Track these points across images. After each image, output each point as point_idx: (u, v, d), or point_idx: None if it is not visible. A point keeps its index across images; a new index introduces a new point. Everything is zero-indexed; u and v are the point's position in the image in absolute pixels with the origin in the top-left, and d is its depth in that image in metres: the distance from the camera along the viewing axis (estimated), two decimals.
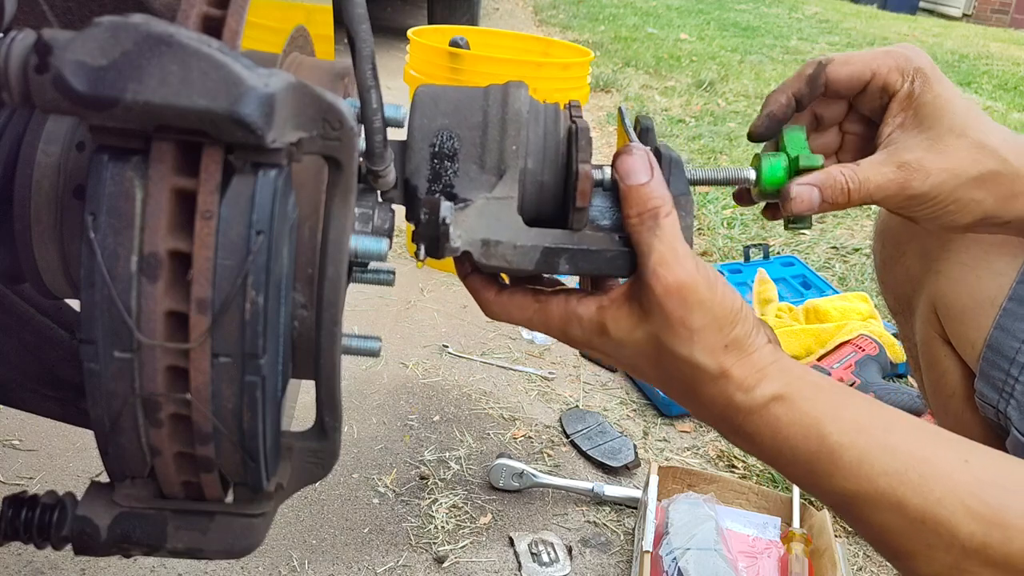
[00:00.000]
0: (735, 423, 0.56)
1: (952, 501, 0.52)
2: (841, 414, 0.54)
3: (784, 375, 0.55)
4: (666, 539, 1.18)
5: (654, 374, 0.58)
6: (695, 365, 0.55)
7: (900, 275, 0.92)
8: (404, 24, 3.83)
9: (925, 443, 0.54)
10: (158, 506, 0.49)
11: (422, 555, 1.24)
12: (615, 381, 1.76)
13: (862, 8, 9.12)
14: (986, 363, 0.76)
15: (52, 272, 0.56)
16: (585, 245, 0.56)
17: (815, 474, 0.54)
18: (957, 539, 0.51)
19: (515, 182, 0.57)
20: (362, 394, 1.61)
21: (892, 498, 0.52)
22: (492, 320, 0.63)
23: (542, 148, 0.59)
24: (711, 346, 0.54)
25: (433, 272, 2.13)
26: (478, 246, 0.55)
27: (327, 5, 0.99)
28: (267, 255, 0.42)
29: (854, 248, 2.51)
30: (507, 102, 0.58)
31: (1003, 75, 5.68)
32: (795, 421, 0.54)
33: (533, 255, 0.56)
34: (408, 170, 0.57)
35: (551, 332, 0.59)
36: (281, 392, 0.49)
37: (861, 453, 0.53)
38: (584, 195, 0.55)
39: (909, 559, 0.54)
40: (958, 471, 0.52)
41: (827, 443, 0.53)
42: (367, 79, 0.49)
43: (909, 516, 0.52)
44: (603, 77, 4.29)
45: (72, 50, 0.39)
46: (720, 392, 0.55)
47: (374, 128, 0.51)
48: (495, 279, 0.60)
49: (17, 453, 1.35)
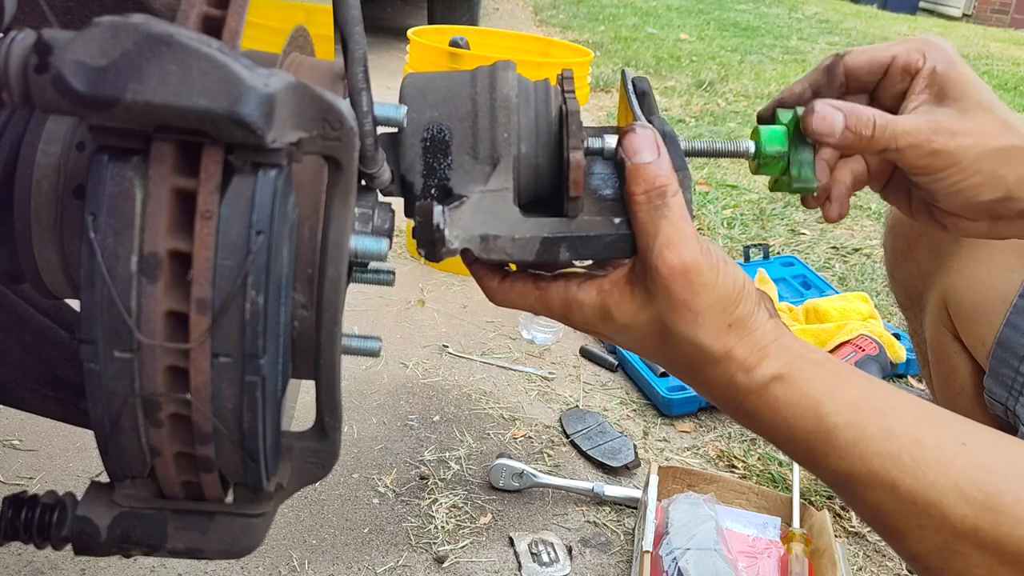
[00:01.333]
0: (736, 402, 0.56)
1: (945, 484, 0.52)
2: (839, 394, 0.54)
3: (785, 353, 0.55)
4: (666, 539, 1.18)
5: (658, 354, 0.58)
6: (699, 347, 0.55)
7: (911, 270, 0.92)
8: (404, 24, 3.83)
9: (923, 424, 0.54)
10: (158, 506, 0.49)
11: (422, 555, 1.24)
12: (615, 381, 1.76)
13: (862, 8, 9.11)
14: (996, 360, 0.77)
15: (52, 272, 0.56)
16: (584, 231, 0.56)
17: (812, 453, 0.55)
18: (948, 521, 0.52)
19: (509, 171, 0.56)
20: (362, 394, 1.61)
21: (885, 479, 0.53)
22: (499, 307, 0.63)
23: (534, 131, 0.58)
24: (714, 328, 0.54)
25: (433, 272, 2.13)
26: (476, 242, 0.55)
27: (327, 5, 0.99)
28: (267, 255, 0.42)
29: (854, 248, 2.51)
30: (495, 87, 0.57)
31: (1003, 75, 5.68)
32: (794, 401, 0.54)
33: (532, 246, 0.55)
34: (403, 167, 0.57)
35: (554, 317, 0.59)
36: (281, 392, 0.49)
37: (857, 434, 0.53)
38: (577, 184, 0.54)
39: (901, 538, 0.54)
40: (954, 455, 0.53)
41: (824, 423, 0.54)
42: (358, 81, 0.49)
43: (901, 497, 0.52)
44: (603, 77, 4.29)
45: (72, 50, 0.39)
46: (723, 373, 0.55)
47: (364, 132, 0.51)
48: (499, 266, 0.60)
49: (17, 453, 1.35)
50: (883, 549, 1.35)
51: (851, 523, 1.39)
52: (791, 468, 1.44)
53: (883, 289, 2.24)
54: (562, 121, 0.57)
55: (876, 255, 2.48)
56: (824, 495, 1.43)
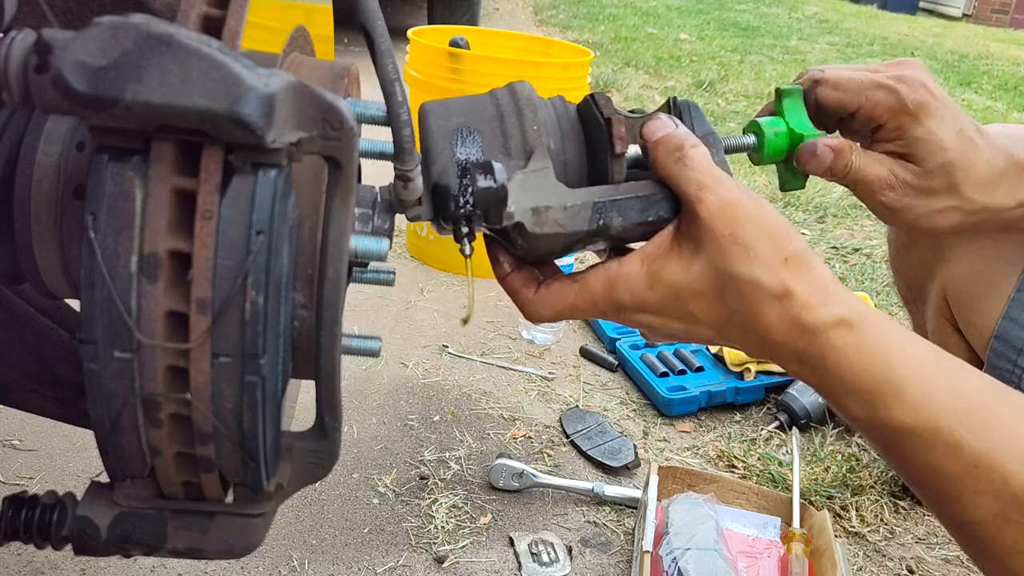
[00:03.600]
0: (799, 346, 0.54)
1: (1011, 450, 0.51)
2: (908, 348, 0.53)
3: (848, 298, 0.54)
4: (666, 539, 1.18)
5: (713, 316, 0.56)
6: (757, 284, 0.53)
7: (912, 262, 0.92)
8: (404, 24, 3.83)
9: (988, 393, 0.54)
10: (158, 506, 0.49)
11: (422, 555, 1.24)
12: (615, 381, 1.76)
13: (862, 8, 9.12)
14: (993, 354, 0.77)
15: (52, 272, 0.56)
16: (632, 193, 0.56)
17: (874, 405, 0.53)
18: (1008, 487, 0.51)
19: (546, 156, 0.56)
20: (362, 394, 1.61)
21: (950, 438, 0.52)
22: (538, 323, 0.62)
23: (558, 128, 0.59)
24: (770, 261, 0.53)
25: (433, 272, 2.13)
26: (529, 215, 0.54)
27: (327, 5, 0.99)
28: (267, 255, 0.42)
29: (854, 248, 2.51)
30: (516, 92, 0.59)
31: (1003, 75, 5.68)
32: (863, 349, 0.53)
33: (585, 213, 0.55)
34: (435, 172, 0.56)
35: (599, 309, 0.58)
36: (281, 392, 0.49)
37: (926, 389, 0.52)
38: (623, 139, 0.55)
39: (953, 503, 0.53)
40: (1020, 424, 0.52)
41: (892, 374, 0.52)
42: (389, 73, 0.49)
43: (963, 459, 0.51)
44: (603, 77, 4.29)
45: (72, 50, 0.39)
46: (785, 312, 0.53)
47: (401, 122, 0.50)
48: (533, 276, 0.59)
49: (17, 453, 1.35)
50: (883, 549, 1.35)
51: (851, 523, 1.39)
52: (791, 468, 1.44)
53: (883, 289, 2.24)
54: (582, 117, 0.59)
55: (876, 255, 2.48)
56: (824, 495, 1.43)
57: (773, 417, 1.65)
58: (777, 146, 0.67)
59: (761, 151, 0.67)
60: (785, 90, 0.69)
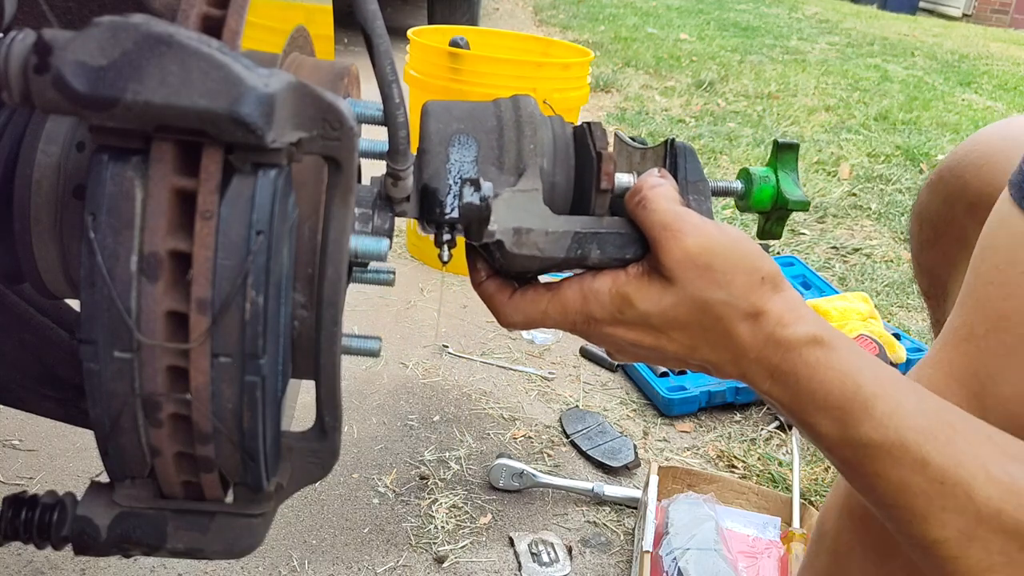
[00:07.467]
0: (772, 362, 0.56)
1: (974, 465, 0.52)
2: (876, 368, 0.55)
3: (817, 318, 0.56)
4: (666, 539, 1.18)
5: (686, 336, 0.57)
6: (732, 305, 0.55)
7: (937, 257, 0.92)
8: (404, 24, 3.83)
9: (950, 412, 0.55)
10: (158, 506, 0.49)
11: (422, 555, 1.24)
12: (615, 381, 1.76)
13: (862, 8, 9.11)
14: None
15: (52, 272, 0.56)
16: (613, 229, 0.57)
17: (844, 421, 0.54)
18: (973, 503, 0.51)
19: (537, 176, 0.58)
20: (362, 394, 1.61)
21: (917, 454, 0.53)
22: (511, 329, 0.62)
23: (553, 150, 0.60)
24: (744, 285, 0.55)
25: (433, 272, 2.13)
26: (510, 234, 0.55)
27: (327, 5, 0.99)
28: (267, 255, 0.42)
29: (854, 248, 2.51)
30: (519, 106, 0.59)
31: (1003, 75, 5.68)
32: (833, 366, 0.54)
33: (564, 241, 0.56)
34: (427, 175, 0.57)
35: (569, 320, 0.58)
36: (281, 392, 0.49)
37: (894, 406, 0.54)
38: (609, 176, 0.56)
39: (921, 521, 0.54)
40: (983, 440, 0.53)
41: (862, 392, 0.54)
42: (387, 74, 0.49)
43: (930, 475, 0.52)
44: (603, 77, 4.29)
45: (72, 50, 0.39)
46: (759, 328, 0.55)
47: (398, 124, 0.51)
48: (509, 283, 0.60)
49: (17, 453, 1.35)
50: None
51: None
52: (791, 468, 1.44)
53: (883, 289, 2.24)
54: (577, 142, 0.60)
55: (876, 255, 2.48)
56: (824, 495, 1.43)
57: (773, 417, 1.64)
58: (761, 200, 0.69)
59: (747, 199, 0.69)
60: (782, 144, 0.70)
